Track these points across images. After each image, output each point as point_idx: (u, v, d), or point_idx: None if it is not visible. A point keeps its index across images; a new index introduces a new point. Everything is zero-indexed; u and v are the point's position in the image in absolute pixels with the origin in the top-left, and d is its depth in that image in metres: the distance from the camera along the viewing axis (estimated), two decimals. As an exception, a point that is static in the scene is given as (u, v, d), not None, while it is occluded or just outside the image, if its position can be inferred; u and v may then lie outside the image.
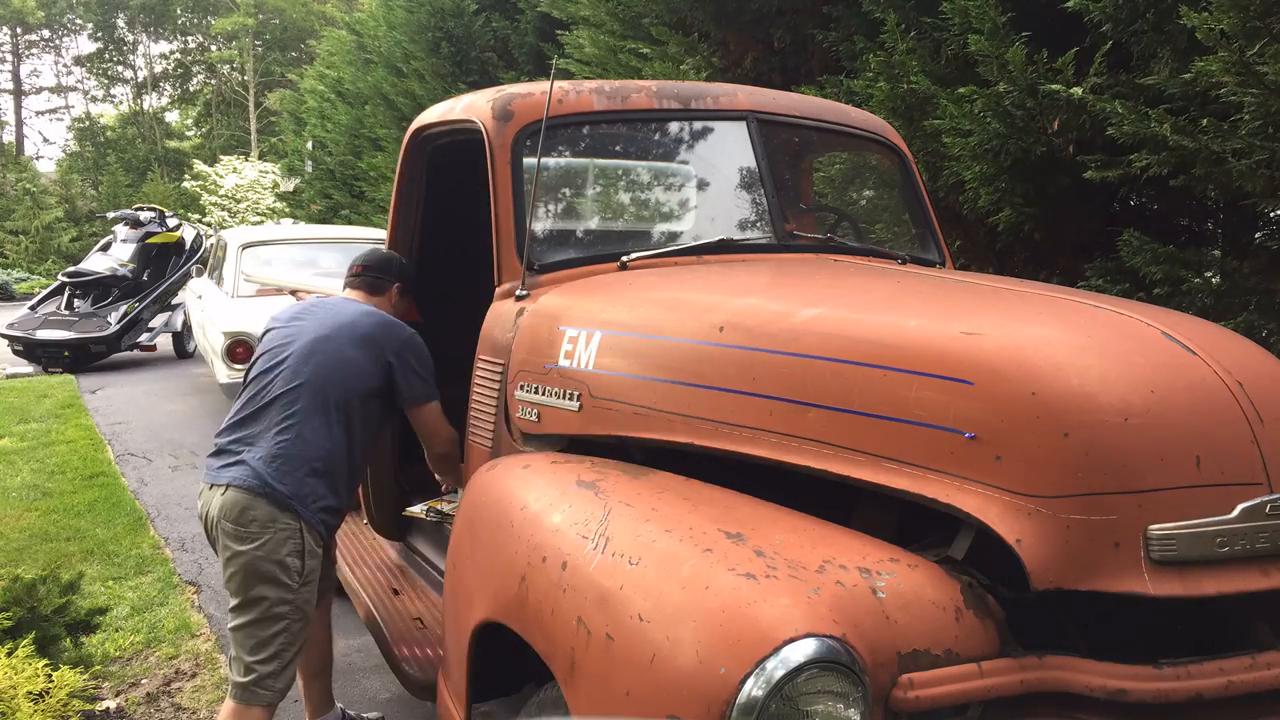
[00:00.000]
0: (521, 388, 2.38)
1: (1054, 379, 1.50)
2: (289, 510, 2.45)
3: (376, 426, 2.70)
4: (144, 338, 11.69)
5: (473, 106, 2.76)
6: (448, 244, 3.41)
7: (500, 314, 2.55)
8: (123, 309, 11.26)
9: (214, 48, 36.72)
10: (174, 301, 11.95)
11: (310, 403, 2.52)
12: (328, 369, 2.55)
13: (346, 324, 2.64)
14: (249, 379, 2.66)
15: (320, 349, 2.58)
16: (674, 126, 2.92)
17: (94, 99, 39.79)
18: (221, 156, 22.83)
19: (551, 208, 2.87)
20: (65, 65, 39.86)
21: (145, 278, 11.81)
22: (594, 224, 3.05)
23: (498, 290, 2.61)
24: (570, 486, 1.83)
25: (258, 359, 2.68)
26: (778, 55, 5.57)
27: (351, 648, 3.78)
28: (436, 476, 2.95)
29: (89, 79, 39.70)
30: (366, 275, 2.88)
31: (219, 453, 2.57)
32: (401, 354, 2.63)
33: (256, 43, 33.57)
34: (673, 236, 2.99)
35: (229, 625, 2.51)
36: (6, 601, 3.08)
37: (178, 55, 38.85)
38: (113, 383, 10.30)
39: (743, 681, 1.27)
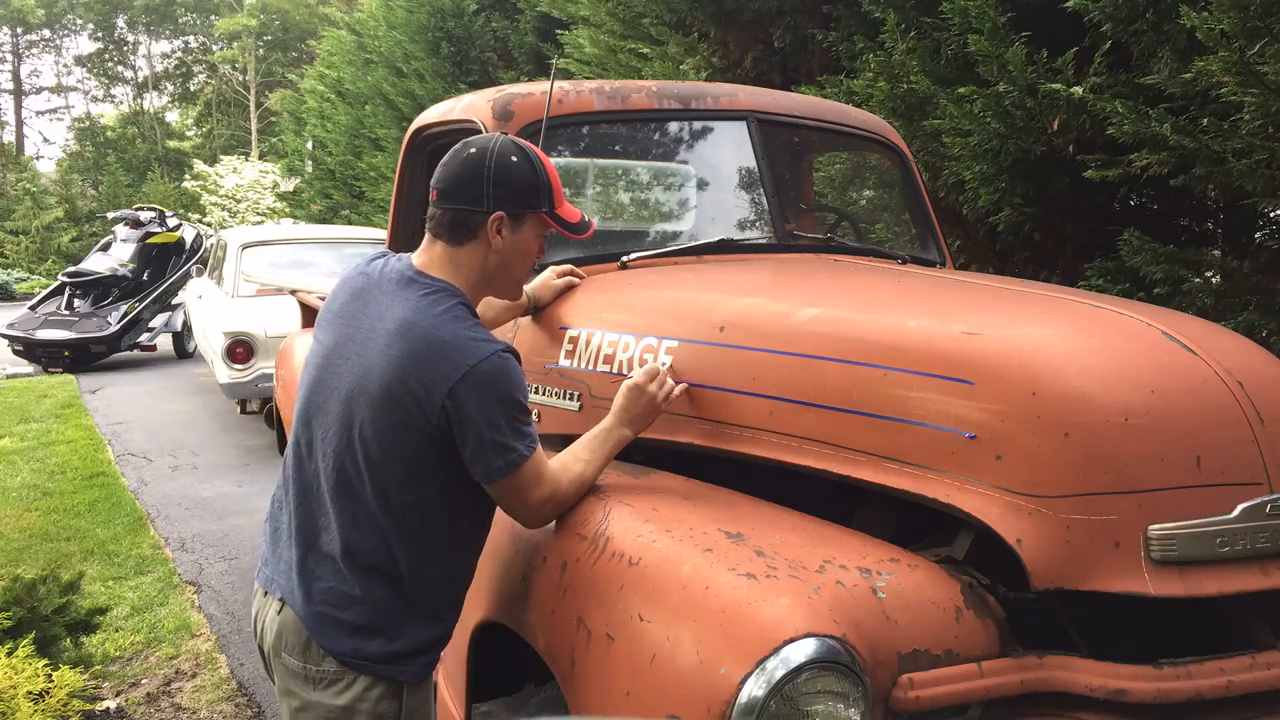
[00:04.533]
0: (521, 388, 2.38)
1: (1054, 379, 1.50)
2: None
3: (446, 523, 1.73)
4: (144, 338, 11.70)
5: (473, 106, 2.76)
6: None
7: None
8: (123, 309, 11.27)
9: (215, 48, 36.72)
10: (174, 301, 11.95)
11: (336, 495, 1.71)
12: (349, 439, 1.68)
13: (377, 351, 1.67)
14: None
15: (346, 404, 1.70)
16: (674, 126, 2.92)
17: (94, 99, 39.86)
18: (222, 156, 22.84)
19: (551, 208, 2.86)
20: (65, 65, 39.94)
21: (145, 278, 11.82)
22: (594, 224, 3.05)
23: (498, 290, 2.60)
24: (570, 486, 1.82)
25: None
26: (778, 55, 5.57)
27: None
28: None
29: (89, 79, 39.76)
30: (444, 211, 1.76)
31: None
32: (460, 398, 1.61)
33: (258, 43, 33.58)
34: (673, 236, 2.99)
35: None
36: (6, 601, 3.08)
37: (178, 55, 38.87)
38: (113, 383, 10.30)
39: (743, 681, 1.27)
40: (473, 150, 1.77)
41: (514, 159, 1.76)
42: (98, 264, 11.88)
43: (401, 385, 1.61)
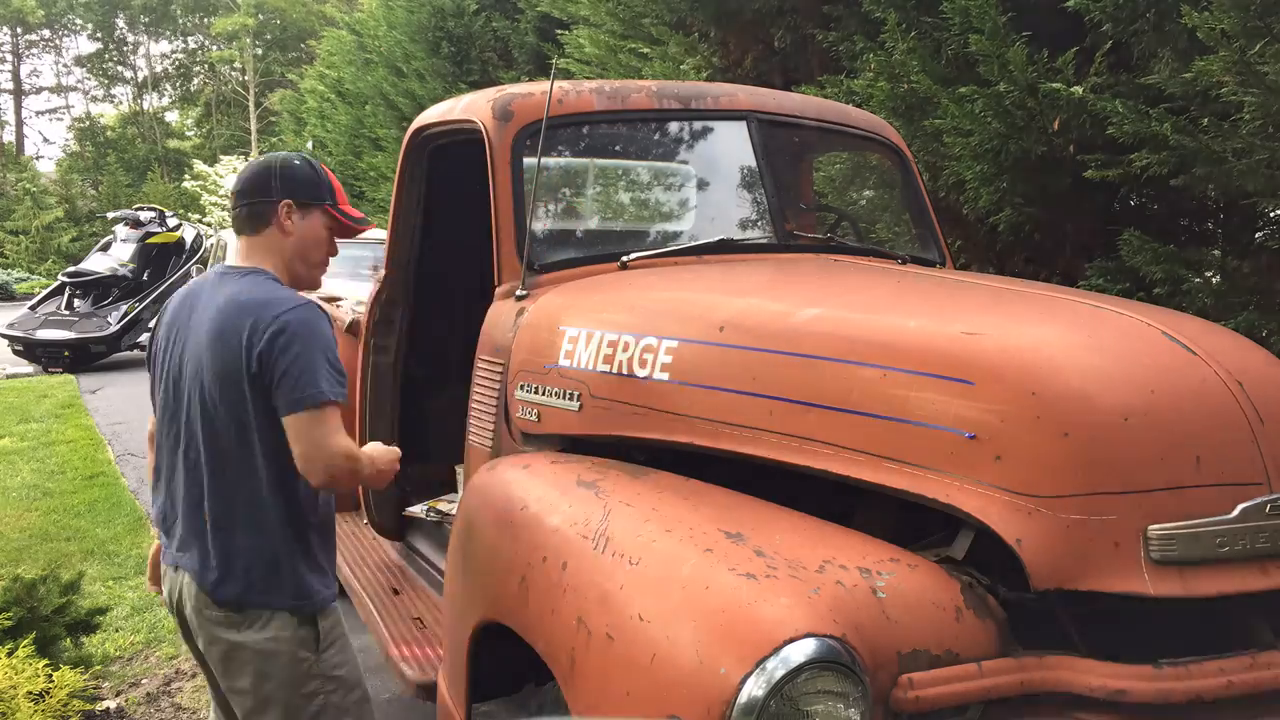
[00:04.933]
0: (522, 388, 2.38)
1: (1054, 379, 1.50)
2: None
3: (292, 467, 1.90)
4: (144, 338, 11.68)
5: (473, 106, 2.76)
6: (448, 244, 3.41)
7: (500, 314, 2.55)
8: (123, 309, 11.27)
9: (214, 48, 36.73)
10: (174, 301, 11.93)
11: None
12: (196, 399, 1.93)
13: (204, 333, 1.92)
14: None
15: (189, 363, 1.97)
16: (674, 126, 2.92)
17: (94, 99, 39.85)
18: (222, 156, 22.83)
19: (551, 207, 2.87)
20: (65, 65, 39.93)
21: (145, 278, 11.83)
22: (594, 224, 3.05)
23: (498, 290, 2.60)
24: (570, 486, 1.83)
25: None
26: (778, 55, 5.57)
27: (352, 648, 3.78)
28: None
29: (89, 79, 39.75)
30: (240, 207, 2.04)
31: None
32: (272, 341, 1.83)
33: (257, 43, 33.58)
34: (673, 236, 2.99)
35: None
36: (7, 601, 3.08)
37: (178, 55, 38.88)
38: (113, 383, 10.30)
39: (743, 681, 1.26)
40: (262, 159, 2.11)
41: (296, 163, 2.07)
42: (98, 264, 11.89)
43: (223, 347, 1.86)
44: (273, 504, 1.90)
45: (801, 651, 1.27)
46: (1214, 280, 3.47)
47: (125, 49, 39.04)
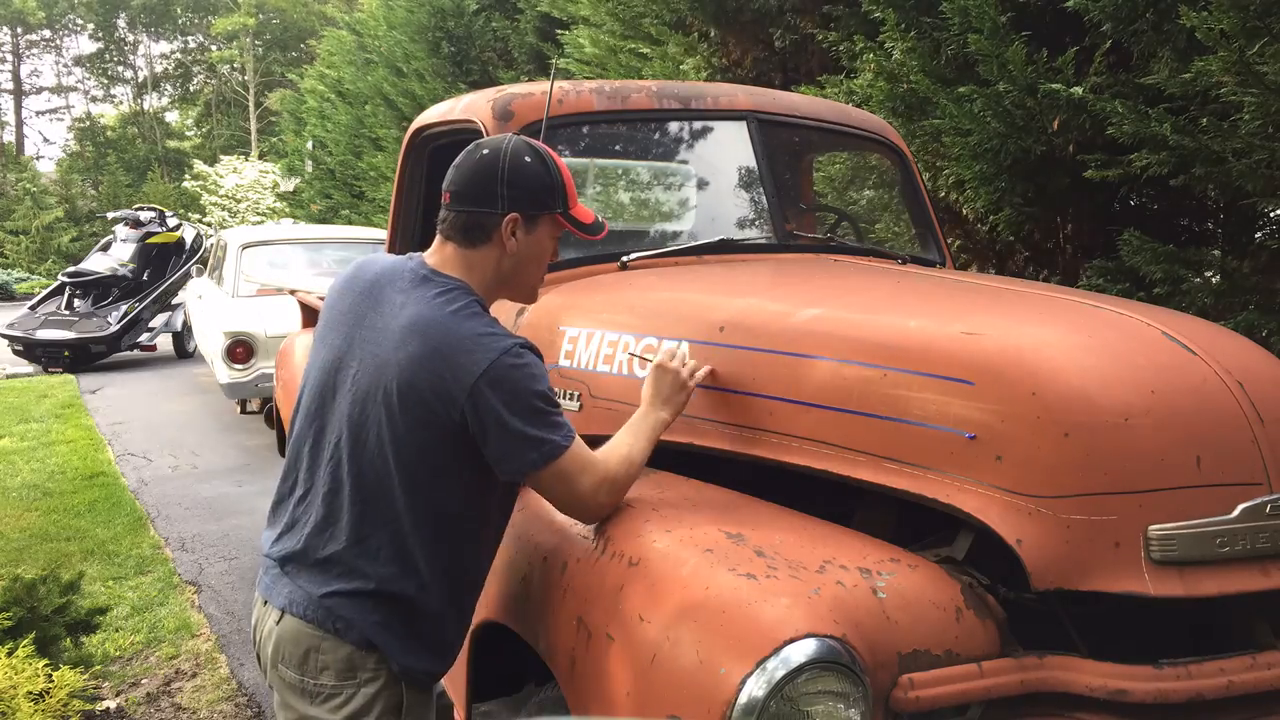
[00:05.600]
0: (521, 388, 2.37)
1: (1054, 379, 1.50)
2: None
3: (463, 523, 1.70)
4: (144, 338, 11.70)
5: (473, 106, 2.76)
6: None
7: (500, 314, 2.55)
8: (123, 309, 11.27)
9: (214, 48, 36.72)
10: (174, 301, 11.95)
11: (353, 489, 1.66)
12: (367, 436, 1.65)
13: (392, 349, 1.63)
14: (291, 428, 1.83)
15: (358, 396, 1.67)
16: (674, 126, 2.92)
17: (94, 99, 39.83)
18: (222, 156, 22.82)
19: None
20: (65, 65, 39.90)
21: (145, 278, 11.82)
22: (594, 224, 3.04)
23: (498, 290, 2.60)
24: (570, 486, 1.82)
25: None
26: (778, 55, 5.57)
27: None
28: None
29: (89, 79, 39.72)
30: (456, 213, 1.74)
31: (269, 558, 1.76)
32: (482, 395, 1.57)
33: (256, 43, 33.58)
34: (673, 236, 2.99)
35: None
36: (6, 601, 3.08)
37: (178, 55, 38.87)
38: (113, 383, 10.30)
39: (743, 681, 1.27)
40: (485, 151, 1.74)
41: (527, 159, 1.73)
42: (98, 264, 11.88)
43: (419, 384, 1.58)
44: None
45: (802, 652, 1.27)
46: (1214, 280, 3.47)
47: (125, 49, 39.04)
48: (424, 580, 1.63)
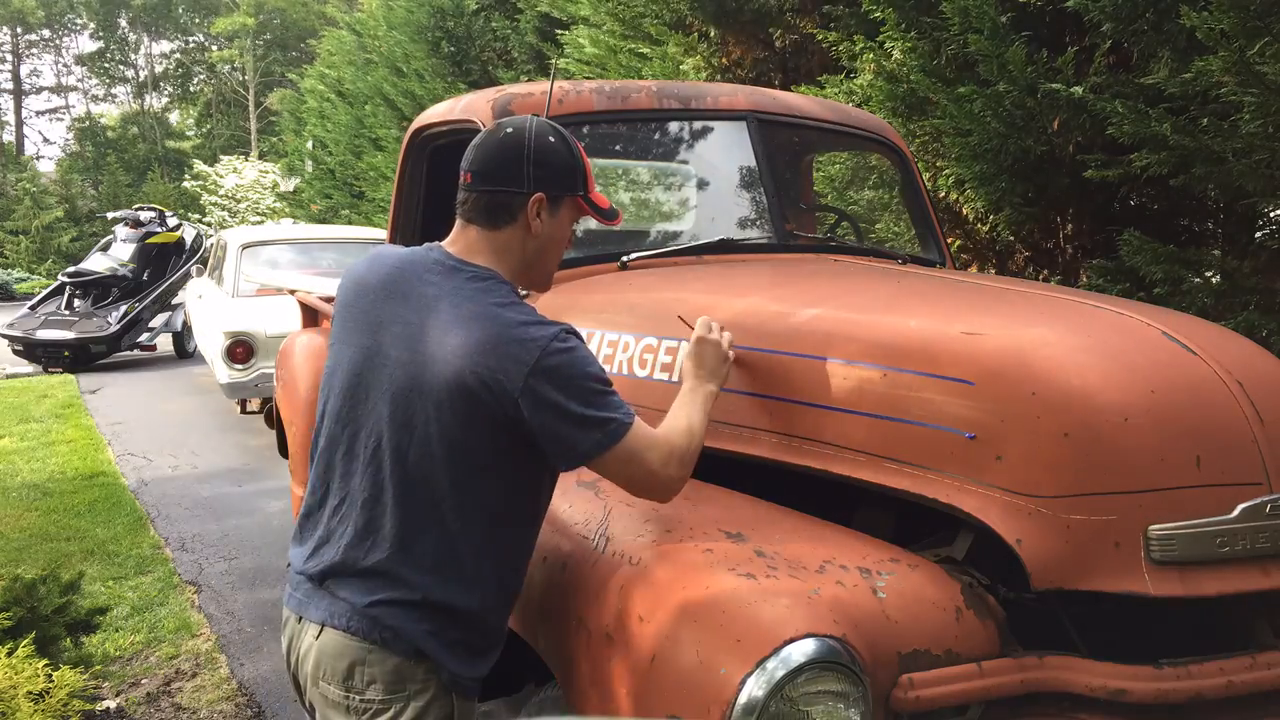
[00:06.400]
0: (522, 388, 2.37)
1: (1054, 379, 1.50)
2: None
3: (509, 522, 1.64)
4: (144, 338, 11.70)
5: (473, 106, 2.76)
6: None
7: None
8: (123, 309, 11.27)
9: (214, 47, 36.73)
10: (174, 301, 11.95)
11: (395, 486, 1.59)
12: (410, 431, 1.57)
13: (433, 344, 1.56)
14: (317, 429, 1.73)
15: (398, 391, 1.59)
16: (674, 126, 2.92)
17: (94, 99, 39.85)
18: (222, 156, 22.83)
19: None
20: (66, 65, 39.92)
21: (145, 278, 11.82)
22: (594, 224, 3.04)
23: (498, 290, 2.60)
24: (570, 486, 1.83)
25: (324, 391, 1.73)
26: (778, 55, 5.58)
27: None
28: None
29: (89, 79, 39.74)
30: (479, 193, 1.67)
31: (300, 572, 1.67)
32: (537, 386, 1.51)
33: (257, 43, 33.59)
34: (673, 236, 2.99)
35: None
36: (6, 601, 3.08)
37: (178, 55, 38.87)
38: (113, 383, 10.30)
39: (743, 681, 1.27)
40: (510, 130, 1.68)
41: (552, 139, 1.68)
42: (98, 264, 11.88)
43: (467, 379, 1.51)
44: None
45: (802, 652, 1.27)
46: (1214, 280, 3.47)
47: (126, 49, 39.04)
48: (472, 584, 1.57)
